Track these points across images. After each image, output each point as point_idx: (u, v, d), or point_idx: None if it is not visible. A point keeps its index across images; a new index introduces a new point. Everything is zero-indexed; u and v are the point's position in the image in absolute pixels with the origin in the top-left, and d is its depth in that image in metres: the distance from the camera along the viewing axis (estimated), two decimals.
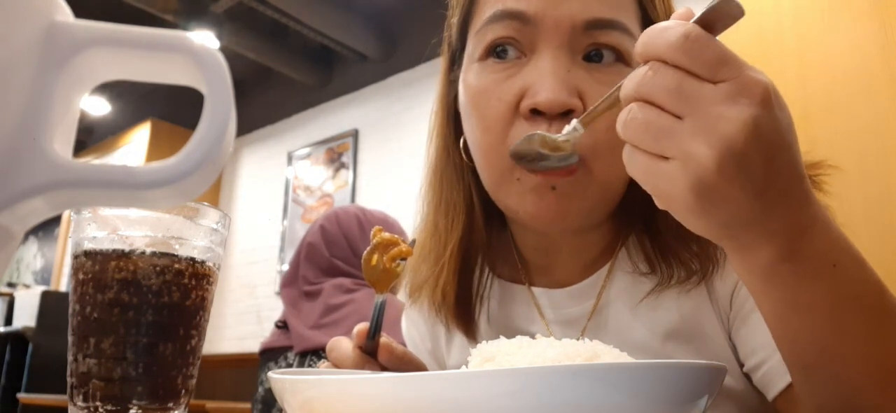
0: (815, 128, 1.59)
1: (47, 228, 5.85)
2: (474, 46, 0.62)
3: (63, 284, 5.45)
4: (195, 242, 0.44)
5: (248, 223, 4.84)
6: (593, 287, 0.67)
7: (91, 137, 5.99)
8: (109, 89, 5.27)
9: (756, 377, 0.60)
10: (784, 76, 1.68)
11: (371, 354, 0.60)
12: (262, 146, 4.96)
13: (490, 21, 0.60)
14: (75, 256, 0.43)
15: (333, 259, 1.64)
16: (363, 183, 4.20)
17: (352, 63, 4.41)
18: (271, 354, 1.64)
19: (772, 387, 0.58)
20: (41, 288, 4.78)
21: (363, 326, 0.60)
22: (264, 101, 4.92)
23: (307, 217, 4.42)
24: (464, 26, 0.65)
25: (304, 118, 4.71)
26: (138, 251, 0.42)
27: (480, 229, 0.69)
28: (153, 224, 0.43)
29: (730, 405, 0.62)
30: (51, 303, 4.21)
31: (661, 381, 0.36)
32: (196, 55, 0.24)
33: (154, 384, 0.42)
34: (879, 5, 1.61)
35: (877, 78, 1.58)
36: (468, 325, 0.72)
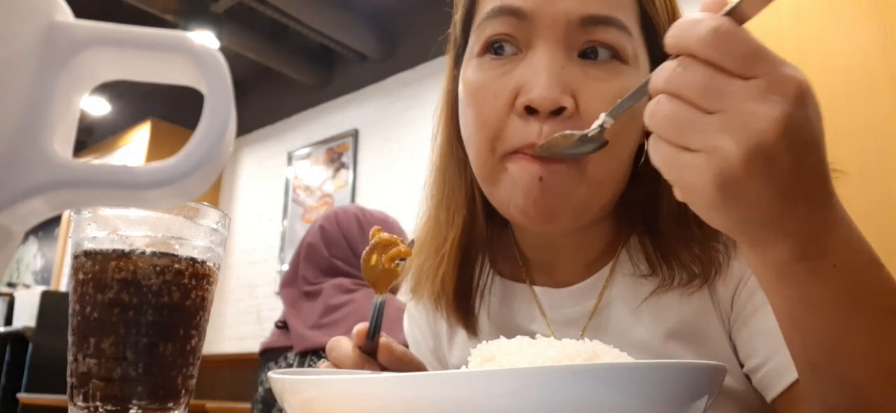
0: None
1: (47, 228, 5.85)
2: (473, 42, 0.63)
3: (63, 284, 5.45)
4: (195, 242, 0.44)
5: (248, 223, 4.84)
6: (594, 287, 0.67)
7: (91, 137, 5.99)
8: (109, 89, 5.27)
9: (755, 378, 0.60)
10: None
11: (371, 354, 0.60)
12: (262, 146, 4.96)
13: (488, 17, 0.60)
14: (75, 256, 0.43)
15: (333, 259, 1.64)
16: (363, 183, 4.20)
17: (352, 63, 4.41)
18: (271, 354, 1.64)
19: (771, 388, 0.58)
20: (41, 288, 4.78)
21: (363, 326, 0.60)
22: (264, 101, 4.92)
23: (307, 217, 4.42)
24: (466, 22, 0.66)
25: (304, 118, 4.71)
26: (138, 251, 0.42)
27: (481, 225, 0.70)
28: (153, 224, 0.43)
29: (731, 405, 0.62)
30: (51, 303, 4.21)
31: (661, 381, 0.36)
32: (196, 55, 0.24)
33: (154, 384, 0.42)
34: (879, 5, 1.61)
35: (877, 78, 1.58)
36: (468, 319, 0.72)
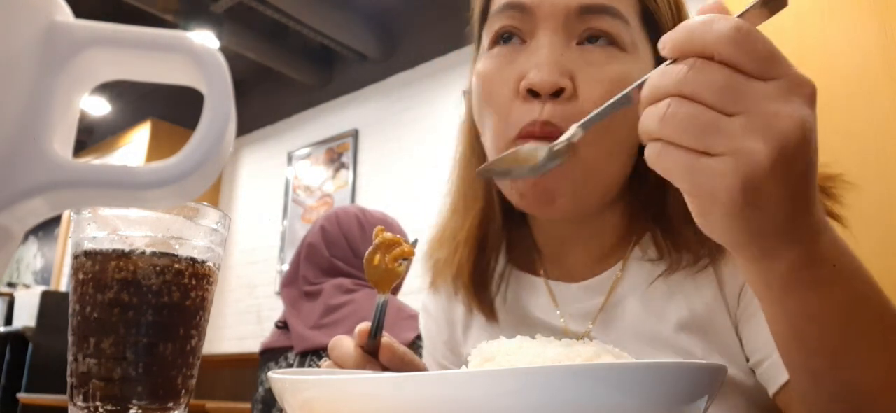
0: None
1: (47, 228, 5.85)
2: (485, 37, 0.68)
3: (63, 284, 5.45)
4: (195, 242, 0.44)
5: (248, 223, 4.84)
6: (607, 282, 0.69)
7: (91, 137, 5.99)
8: (109, 89, 5.26)
9: (758, 373, 0.62)
10: None
11: (372, 354, 0.61)
12: (262, 146, 4.96)
13: (495, 12, 0.65)
14: (75, 256, 0.43)
15: (333, 259, 1.64)
16: (363, 183, 4.20)
17: (352, 63, 4.41)
18: (271, 355, 1.64)
19: (772, 383, 0.60)
20: (41, 288, 4.78)
21: (365, 326, 0.60)
22: (264, 101, 4.92)
23: (307, 217, 4.42)
24: (481, 22, 0.70)
25: (304, 118, 4.71)
26: (138, 251, 0.42)
27: (498, 217, 0.73)
28: (153, 224, 0.43)
29: (739, 399, 0.63)
30: (51, 303, 4.21)
31: (661, 381, 0.36)
32: (196, 55, 0.24)
33: (154, 384, 0.42)
34: (879, 5, 1.61)
35: (877, 78, 1.57)
36: (484, 305, 0.74)
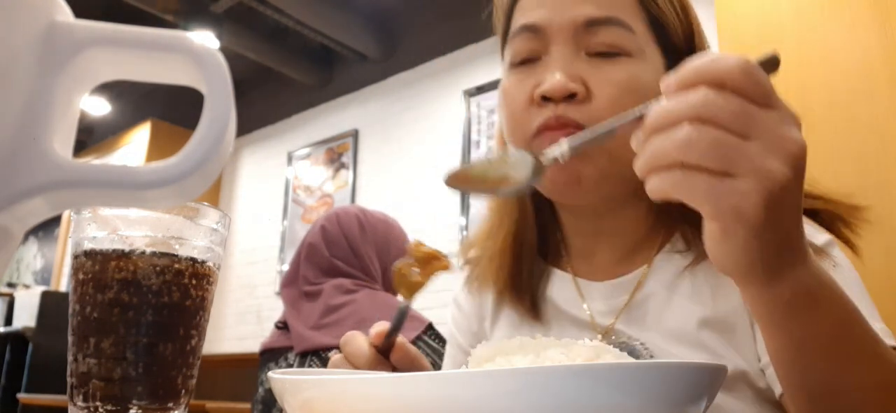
0: (815, 128, 1.59)
1: (47, 228, 5.85)
2: (506, 54, 0.74)
3: (63, 284, 5.44)
4: (195, 242, 0.44)
5: (248, 223, 4.84)
6: (634, 279, 0.73)
7: (91, 137, 5.99)
8: (109, 89, 5.26)
9: (768, 373, 0.64)
10: (784, 76, 1.68)
11: (384, 354, 0.63)
12: (262, 146, 4.96)
13: (513, 35, 0.72)
14: (75, 256, 0.43)
15: (334, 259, 1.64)
16: (363, 183, 4.20)
17: (352, 63, 4.41)
18: (271, 355, 1.64)
19: (776, 385, 0.62)
20: (41, 288, 4.78)
21: (382, 327, 0.62)
22: (264, 101, 4.92)
23: (307, 217, 4.42)
24: (503, 41, 0.77)
25: (304, 118, 4.71)
26: (138, 251, 0.42)
27: (531, 218, 0.79)
28: (153, 224, 0.43)
29: (756, 396, 0.65)
30: (51, 303, 4.21)
31: (661, 381, 0.36)
32: (196, 55, 0.24)
33: (154, 384, 0.42)
34: (879, 5, 1.61)
35: (877, 78, 1.57)
36: (524, 304, 0.79)
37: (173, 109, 5.05)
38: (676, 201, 0.68)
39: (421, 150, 3.90)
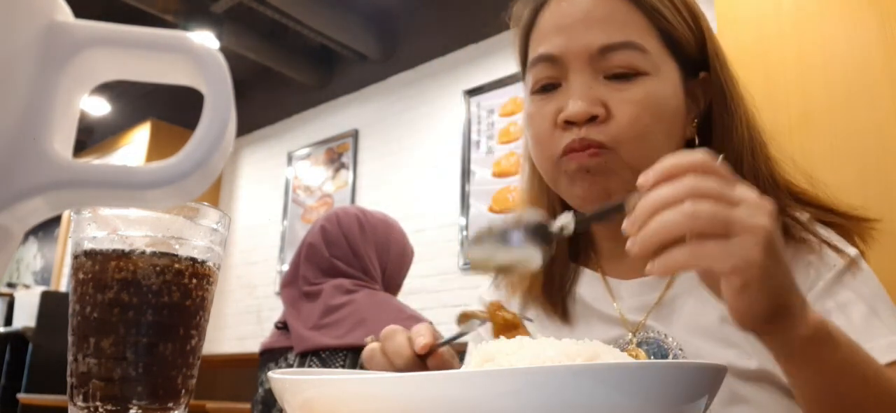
0: (816, 128, 1.59)
1: (47, 228, 5.84)
2: (528, 81, 0.78)
3: (63, 284, 5.44)
4: (195, 242, 0.44)
5: (248, 223, 4.84)
6: (664, 278, 0.76)
7: (91, 137, 5.99)
8: (109, 89, 5.26)
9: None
10: (784, 76, 1.68)
11: (421, 357, 0.65)
12: (262, 146, 4.96)
13: (532, 64, 0.76)
14: (75, 256, 0.43)
15: (333, 259, 1.64)
16: (363, 183, 4.20)
17: (352, 63, 4.40)
18: (271, 355, 1.64)
19: None
20: (41, 288, 4.78)
21: (429, 341, 0.65)
22: (264, 101, 4.92)
23: (307, 217, 4.42)
24: (523, 61, 0.81)
25: (304, 118, 4.70)
26: (138, 251, 0.42)
27: None
28: (153, 224, 0.43)
29: (778, 387, 0.68)
30: (51, 303, 4.21)
31: (661, 381, 0.36)
32: (196, 55, 0.24)
33: (154, 384, 0.42)
34: (879, 5, 1.61)
35: (877, 78, 1.57)
36: (556, 308, 0.82)
37: (173, 109, 5.04)
38: None
39: (421, 150, 3.90)
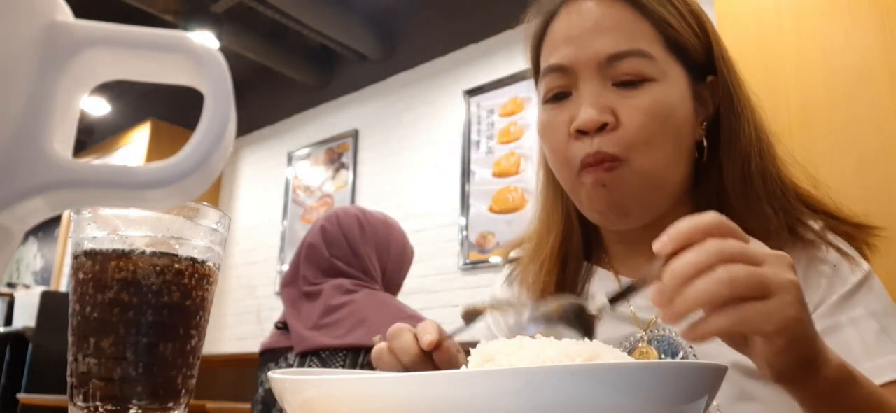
0: (816, 127, 1.59)
1: (47, 228, 5.84)
2: (540, 90, 0.79)
3: (63, 284, 5.44)
4: (195, 242, 0.44)
5: (248, 223, 4.83)
6: None
7: (91, 137, 5.99)
8: (109, 89, 5.26)
9: None
10: (784, 76, 1.68)
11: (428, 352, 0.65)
12: (262, 146, 4.96)
13: (543, 75, 0.78)
14: (75, 256, 0.43)
15: (333, 259, 1.64)
16: (363, 183, 4.20)
17: (352, 63, 4.40)
18: (271, 355, 1.64)
19: None
20: (41, 288, 4.77)
21: (435, 337, 0.65)
22: (264, 101, 4.92)
23: (307, 217, 4.42)
24: (535, 70, 0.82)
25: (304, 118, 4.70)
26: (138, 251, 0.42)
27: (577, 232, 0.86)
28: (153, 224, 0.43)
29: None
30: (51, 303, 4.21)
31: (661, 381, 0.36)
32: (196, 55, 0.24)
33: (154, 384, 0.42)
34: (879, 5, 1.61)
35: (877, 75, 1.57)
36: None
37: (173, 109, 5.04)
38: (711, 202, 0.75)
39: (421, 150, 3.90)
